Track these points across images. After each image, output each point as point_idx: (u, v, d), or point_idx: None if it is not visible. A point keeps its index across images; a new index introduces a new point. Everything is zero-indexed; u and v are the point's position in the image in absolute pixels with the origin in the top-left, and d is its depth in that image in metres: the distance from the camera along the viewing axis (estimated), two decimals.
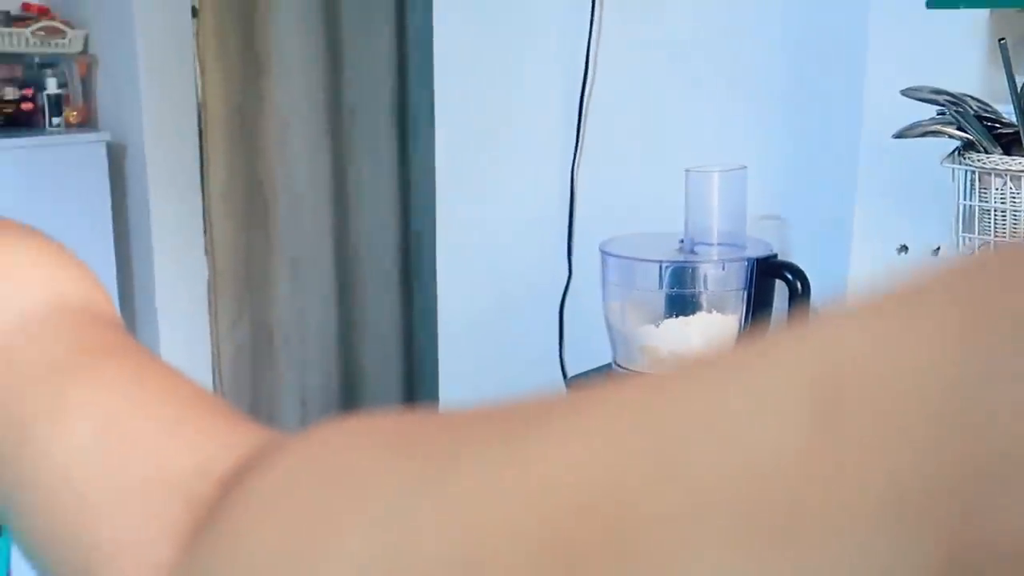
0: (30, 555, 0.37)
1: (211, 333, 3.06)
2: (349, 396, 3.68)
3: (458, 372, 2.05)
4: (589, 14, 1.72)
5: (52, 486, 0.36)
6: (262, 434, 0.33)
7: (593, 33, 1.73)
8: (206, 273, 3.01)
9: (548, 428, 0.18)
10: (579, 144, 1.78)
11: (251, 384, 3.38)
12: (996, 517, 0.12)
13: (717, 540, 0.14)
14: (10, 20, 2.79)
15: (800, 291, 1.42)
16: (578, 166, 1.79)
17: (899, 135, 1.16)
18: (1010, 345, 0.12)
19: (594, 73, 1.75)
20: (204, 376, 3.03)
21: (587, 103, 1.76)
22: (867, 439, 0.13)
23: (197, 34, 2.89)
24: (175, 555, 0.30)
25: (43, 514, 0.36)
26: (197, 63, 2.90)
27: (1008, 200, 1.10)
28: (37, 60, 2.80)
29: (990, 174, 1.11)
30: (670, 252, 1.49)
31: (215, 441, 0.34)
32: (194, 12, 2.86)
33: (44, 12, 2.85)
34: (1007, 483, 0.12)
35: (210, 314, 3.05)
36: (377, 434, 0.25)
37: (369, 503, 0.22)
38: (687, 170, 1.48)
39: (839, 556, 0.13)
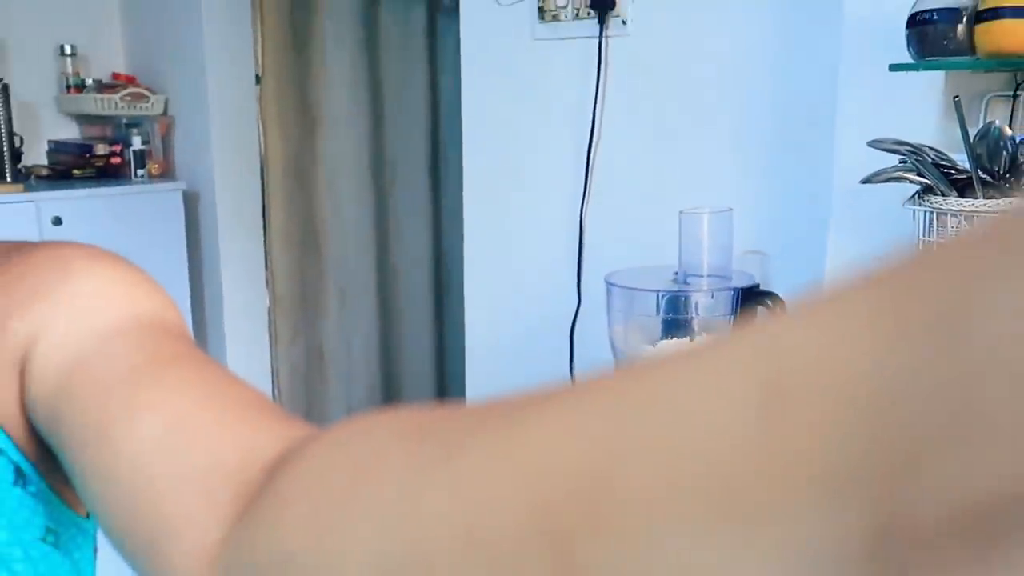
0: (107, 532, 0.38)
1: (271, 352, 3.06)
2: (389, 405, 3.67)
3: (483, 384, 2.04)
4: (595, 79, 1.72)
5: (126, 474, 0.37)
6: (302, 428, 0.34)
7: (599, 95, 1.73)
8: (267, 300, 3.02)
9: (539, 418, 0.18)
10: (587, 191, 1.77)
11: (305, 395, 3.37)
12: (912, 495, 0.11)
13: (680, 516, 0.14)
14: (102, 87, 2.81)
15: None
16: (586, 209, 1.78)
17: (866, 181, 1.14)
18: (921, 343, 0.12)
19: (600, 129, 1.74)
20: (264, 389, 3.02)
21: (594, 156, 1.76)
22: (806, 429, 0.13)
23: (260, 98, 2.91)
24: (225, 531, 0.31)
25: (118, 497, 0.37)
26: (260, 122, 2.91)
27: None
28: (124, 121, 2.82)
29: (947, 214, 1.09)
30: (666, 283, 1.48)
31: (263, 435, 0.34)
32: (257, 79, 2.88)
33: (131, 80, 2.88)
34: (920, 465, 0.11)
35: (270, 335, 3.05)
36: (395, 426, 0.25)
37: (387, 484, 0.22)
38: (680, 212, 1.47)
39: (783, 527, 0.13)
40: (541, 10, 1.81)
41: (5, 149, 2.53)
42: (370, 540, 0.22)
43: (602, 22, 1.71)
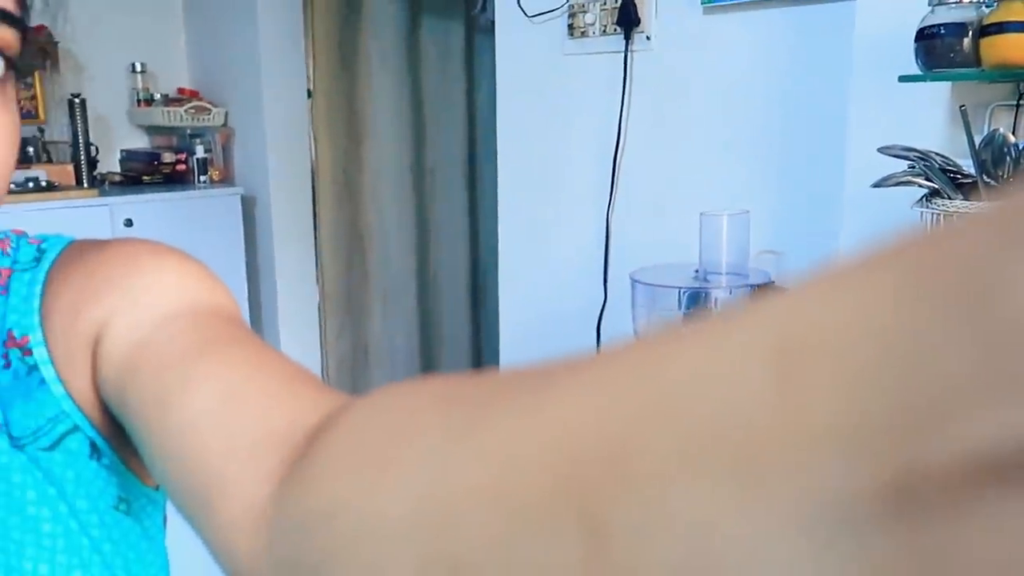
0: (170, 497, 0.39)
1: (320, 347, 3.08)
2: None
3: None
4: (621, 91, 1.72)
5: (184, 442, 0.37)
6: (341, 398, 0.35)
7: (624, 106, 1.72)
8: (317, 299, 3.04)
9: (563, 384, 0.18)
10: (613, 194, 1.77)
11: (351, 388, 3.39)
12: (934, 444, 0.11)
13: (696, 474, 0.14)
14: (169, 101, 2.85)
15: None
16: (612, 211, 1.77)
17: (877, 185, 1.13)
18: (950, 303, 0.11)
19: (625, 137, 1.74)
20: None
21: (619, 161, 1.75)
22: (823, 385, 0.12)
23: (311, 111, 2.93)
24: (273, 490, 0.31)
25: (177, 464, 0.37)
26: (311, 134, 2.94)
27: None
28: (189, 131, 2.85)
29: (952, 217, 1.07)
30: (687, 280, 1.47)
31: (308, 404, 0.35)
32: (309, 94, 2.90)
33: (194, 95, 2.91)
34: (943, 416, 0.11)
35: (319, 332, 3.07)
36: (429, 391, 0.25)
37: (419, 447, 0.22)
38: (701, 214, 1.46)
39: (799, 482, 0.12)
40: (571, 27, 1.81)
41: (83, 158, 2.57)
42: (405, 500, 0.22)
43: (627, 38, 1.70)
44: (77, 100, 2.57)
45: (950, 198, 1.07)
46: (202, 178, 2.79)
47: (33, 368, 0.47)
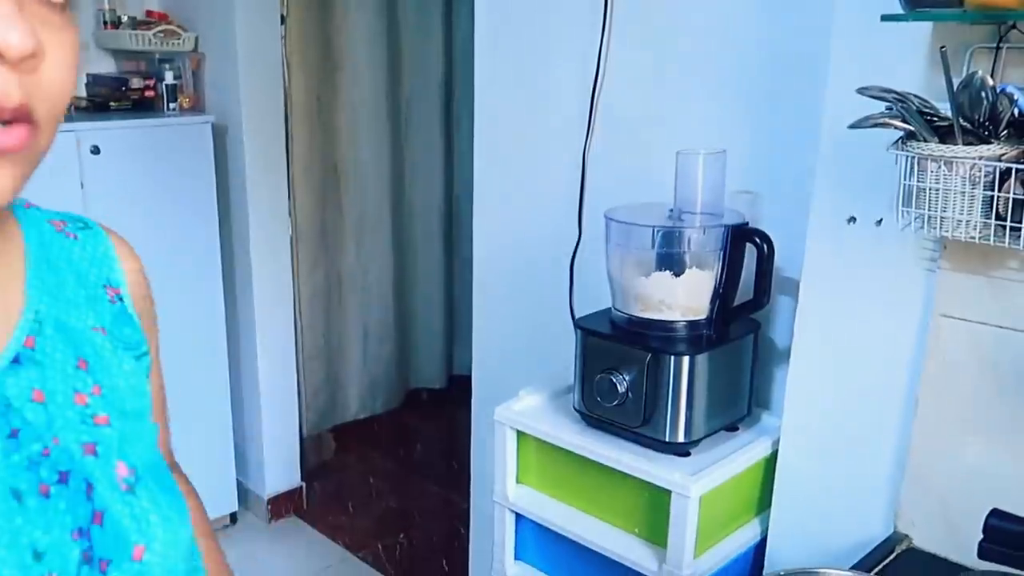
0: None
1: (293, 279, 3.06)
2: (402, 330, 3.69)
3: (489, 312, 2.04)
4: (600, 27, 1.68)
5: None
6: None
7: (603, 41, 1.69)
8: (289, 230, 3.01)
9: None
10: (590, 130, 1.75)
11: (324, 318, 3.39)
12: None
13: None
14: (137, 24, 2.77)
15: (766, 252, 1.40)
16: (589, 148, 1.76)
17: (853, 126, 1.12)
18: None
19: (604, 73, 1.71)
20: (287, 312, 3.03)
21: (597, 97, 1.73)
22: None
23: (285, 38, 2.86)
24: None
25: None
26: (284, 61, 2.87)
27: (941, 181, 1.07)
28: (158, 56, 2.78)
29: (927, 159, 1.07)
30: (661, 219, 1.47)
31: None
32: (282, 20, 2.83)
33: (164, 18, 2.83)
34: None
35: (292, 263, 3.05)
36: None
37: None
38: (677, 152, 1.45)
39: None
40: None
41: None
42: None
43: None
44: None
45: (926, 141, 1.07)
46: (171, 105, 2.73)
47: (126, 312, 0.62)
